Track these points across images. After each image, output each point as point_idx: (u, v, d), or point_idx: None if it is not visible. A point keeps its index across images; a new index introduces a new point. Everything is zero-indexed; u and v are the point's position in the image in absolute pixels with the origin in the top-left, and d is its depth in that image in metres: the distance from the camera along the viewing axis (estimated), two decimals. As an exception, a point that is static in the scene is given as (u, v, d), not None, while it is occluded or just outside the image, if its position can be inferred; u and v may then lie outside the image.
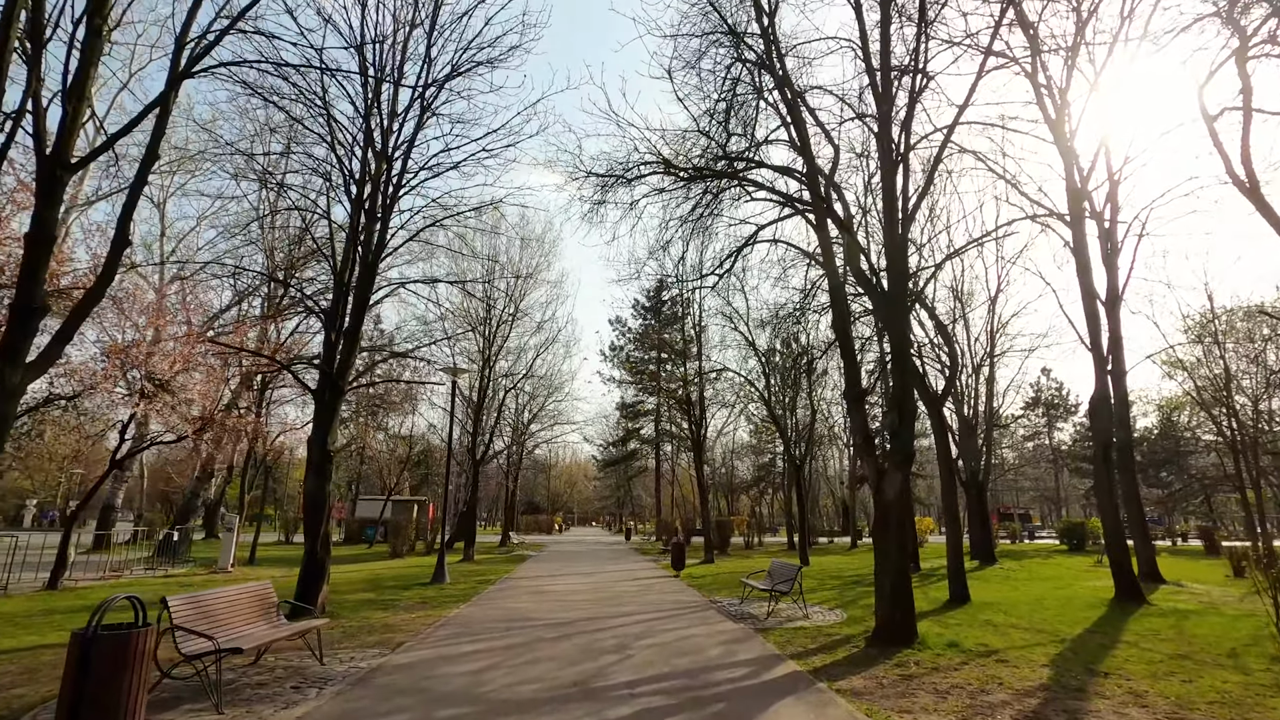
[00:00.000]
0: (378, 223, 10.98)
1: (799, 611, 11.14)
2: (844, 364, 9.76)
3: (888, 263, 9.21)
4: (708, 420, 28.00)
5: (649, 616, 10.67)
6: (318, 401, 10.64)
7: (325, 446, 10.38)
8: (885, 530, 8.72)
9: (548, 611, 11.00)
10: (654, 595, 13.61)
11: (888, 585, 8.52)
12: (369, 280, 10.88)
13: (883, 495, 8.83)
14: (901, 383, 9.03)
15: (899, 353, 9.04)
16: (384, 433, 42.29)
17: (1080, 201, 14.54)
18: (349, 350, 10.74)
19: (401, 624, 9.75)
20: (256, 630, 6.16)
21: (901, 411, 8.92)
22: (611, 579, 16.82)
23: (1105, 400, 13.66)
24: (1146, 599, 12.87)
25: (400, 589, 14.28)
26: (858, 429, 9.37)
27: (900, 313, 9.02)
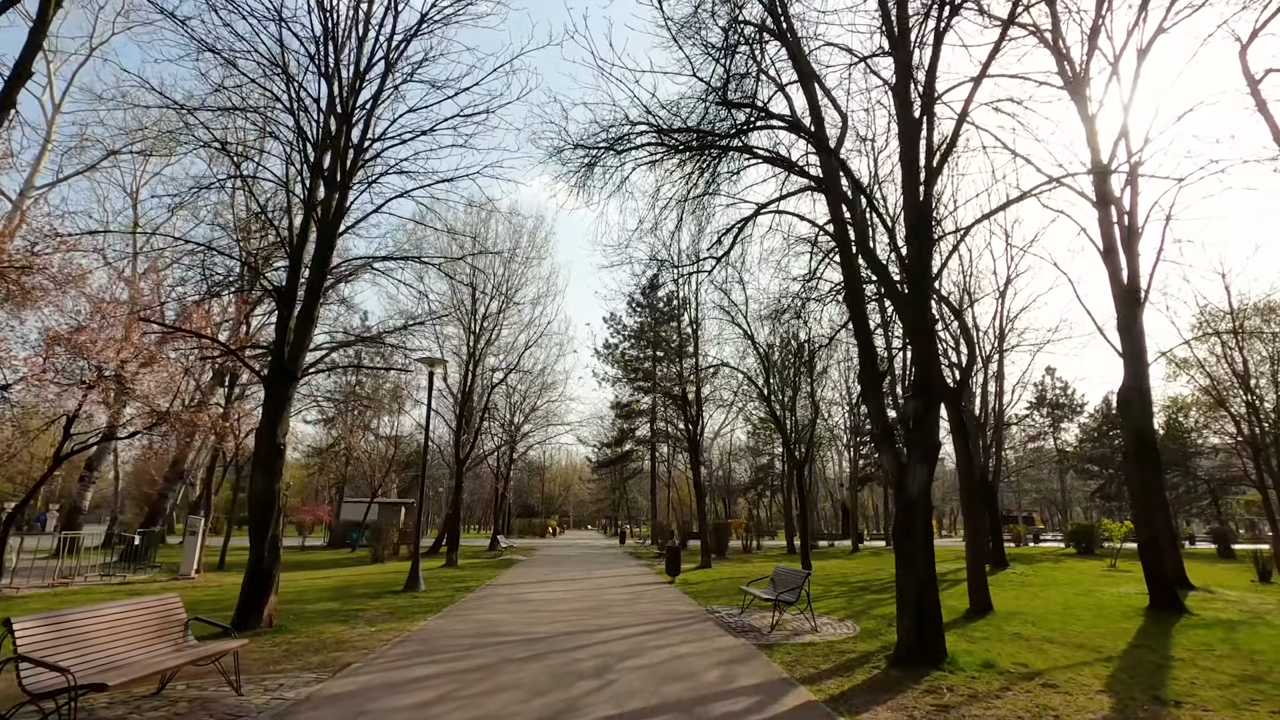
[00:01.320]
0: (337, 191, 9.82)
1: (806, 623, 10.00)
2: (858, 343, 8.64)
3: (908, 229, 8.10)
4: (705, 420, 26.88)
5: (638, 630, 9.51)
6: (268, 389, 9.48)
7: (275, 439, 9.22)
8: (908, 532, 7.59)
9: (524, 625, 9.83)
10: (645, 604, 12.45)
11: (912, 596, 7.38)
12: (326, 254, 9.72)
13: (905, 492, 7.70)
14: (925, 364, 7.91)
15: (922, 330, 7.93)
16: (372, 434, 41.03)
17: (1106, 179, 13.48)
18: (302, 332, 9.58)
19: (357, 640, 8.57)
20: (146, 656, 4.99)
21: (926, 397, 7.80)
22: (600, 586, 15.65)
23: (1137, 390, 12.58)
24: (1186, 608, 11.76)
25: (370, 597, 13.09)
26: (875, 417, 8.25)
27: (924, 282, 7.91)
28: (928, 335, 7.93)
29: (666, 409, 36.75)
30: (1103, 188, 13.38)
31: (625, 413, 42.07)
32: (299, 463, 49.64)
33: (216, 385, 21.58)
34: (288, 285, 9.42)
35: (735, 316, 23.52)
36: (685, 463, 42.14)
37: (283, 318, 9.44)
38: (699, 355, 25.16)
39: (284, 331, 9.38)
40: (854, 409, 37.89)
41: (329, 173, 9.82)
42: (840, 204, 8.99)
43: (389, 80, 10.31)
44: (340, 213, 9.79)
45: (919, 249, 7.90)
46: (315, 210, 9.64)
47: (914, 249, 8.05)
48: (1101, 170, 13.18)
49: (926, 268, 7.94)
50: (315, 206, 9.83)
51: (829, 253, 12.24)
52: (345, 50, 10.08)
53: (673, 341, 27.44)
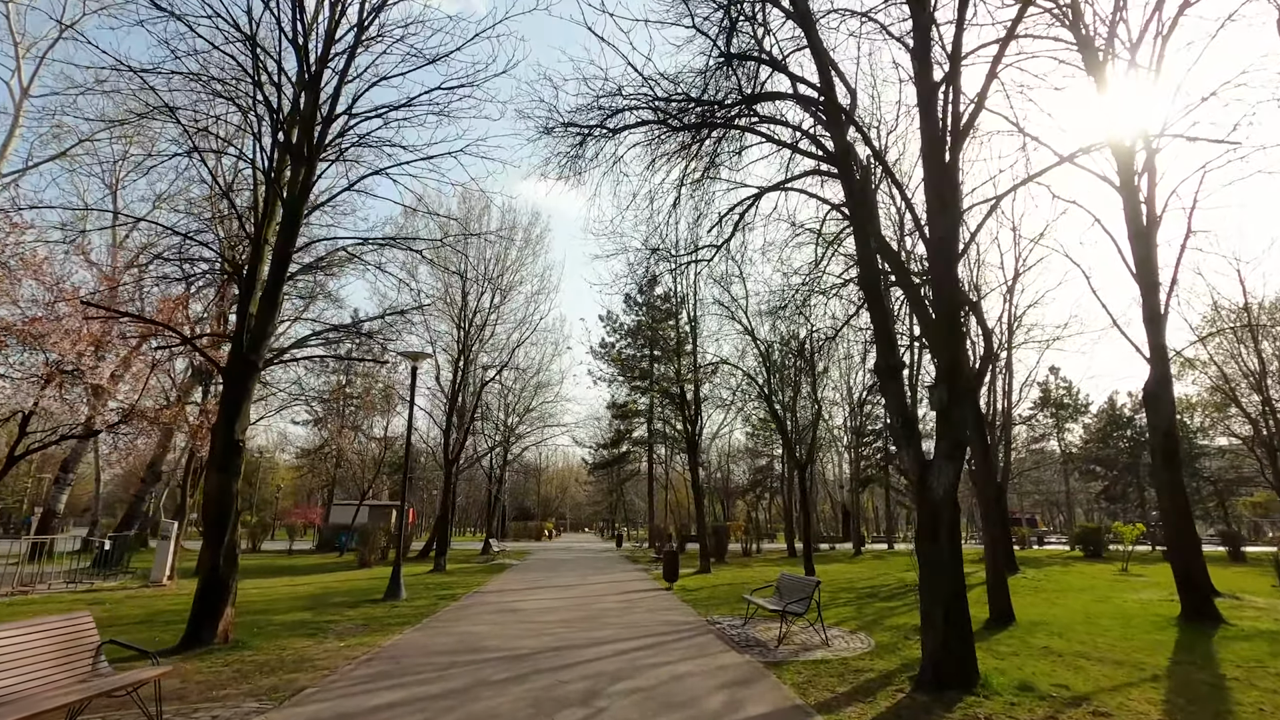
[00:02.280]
0: (304, 165, 8.99)
1: (815, 636, 9.17)
2: (875, 329, 7.83)
3: (929, 197, 7.30)
4: (703, 420, 26.05)
5: (632, 645, 8.67)
6: (226, 380, 8.64)
7: (233, 436, 8.38)
8: (934, 538, 6.77)
9: (509, 638, 8.99)
10: (641, 614, 11.62)
11: (939, 610, 6.56)
12: (291, 233, 8.89)
13: (929, 493, 6.89)
14: (951, 349, 7.11)
15: (948, 311, 7.13)
16: (363, 435, 40.10)
17: (1130, 160, 12.72)
18: (265, 318, 8.74)
19: (321, 657, 7.73)
20: (40, 691, 4.15)
21: (952, 385, 7.00)
22: (594, 593, 14.81)
23: (1166, 384, 11.79)
24: (1223, 617, 10.96)
25: (346, 606, 12.23)
26: (895, 409, 7.44)
27: (948, 255, 7.11)
28: (954, 315, 7.13)
29: (664, 409, 35.93)
30: (1127, 168, 12.61)
31: (622, 413, 41.24)
32: (289, 464, 48.72)
33: (195, 383, 20.72)
34: (249, 266, 8.58)
35: (735, 313, 22.74)
36: (683, 464, 41.32)
37: (244, 302, 8.60)
38: (697, 352, 24.36)
39: (244, 317, 8.54)
40: (856, 408, 37.10)
41: (295, 145, 8.99)
42: (854, 178, 8.19)
43: (361, 47, 9.49)
44: (307, 188, 8.96)
45: (945, 220, 7.10)
46: (280, 185, 8.81)
47: (939, 221, 7.26)
48: (1125, 151, 12.42)
49: (953, 238, 7.14)
50: (281, 184, 9.01)
51: (839, 234, 11.46)
52: (314, 13, 9.26)
53: (670, 340, 26.63)
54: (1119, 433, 45.04)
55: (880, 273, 8.14)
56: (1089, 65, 13.09)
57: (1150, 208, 15.75)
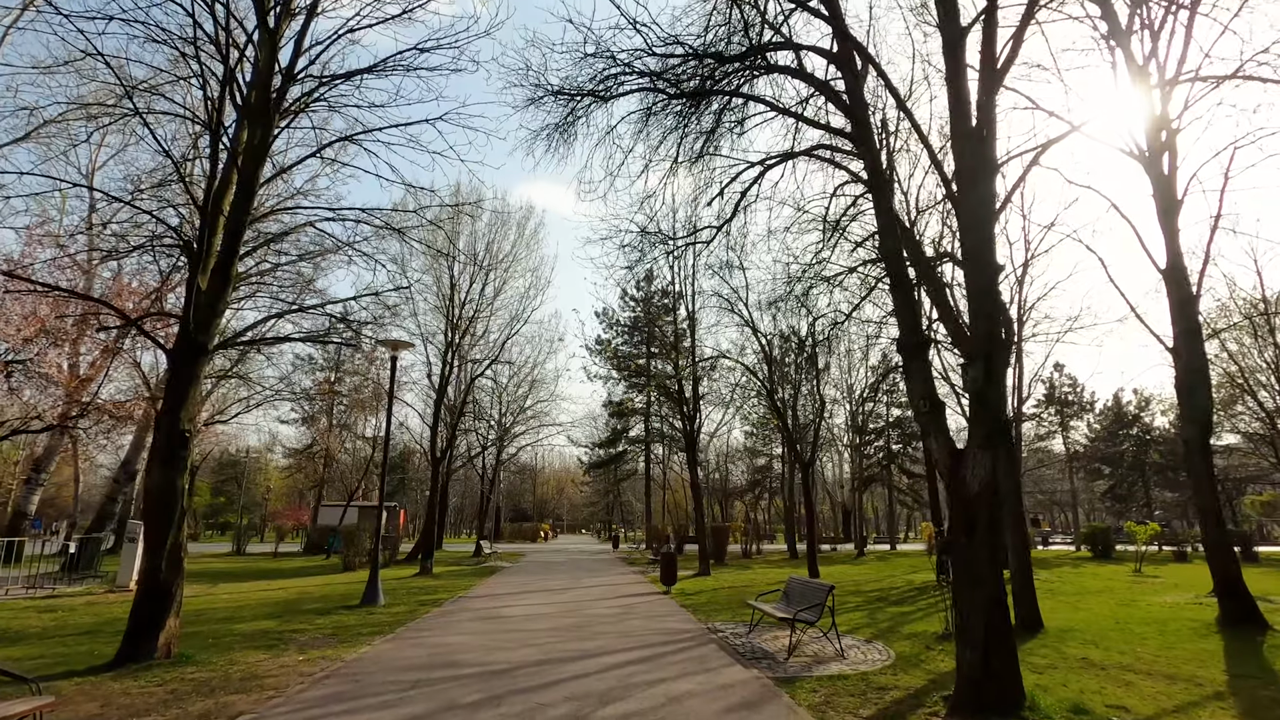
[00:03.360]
0: (260, 125, 8.10)
1: (829, 646, 8.30)
2: (896, 306, 6.97)
3: (957, 148, 6.44)
4: (701, 417, 25.14)
5: (625, 657, 7.78)
6: (172, 365, 7.74)
7: (178, 426, 7.48)
8: (970, 538, 5.90)
9: (488, 650, 8.10)
10: (636, 621, 10.73)
11: (979, 622, 5.69)
12: (245, 200, 8.00)
13: (963, 486, 6.02)
14: (987, 321, 6.25)
15: (984, 277, 6.26)
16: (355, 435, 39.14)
17: (1160, 131, 11.89)
18: (216, 294, 7.85)
19: (273, 674, 6.83)
20: None
21: (989, 363, 6.14)
22: (587, 597, 13.91)
23: (1202, 373, 10.94)
24: (1268, 623, 10.11)
25: (317, 614, 11.32)
26: (919, 390, 6.57)
27: (985, 212, 6.25)
28: (990, 282, 6.26)
29: (662, 406, 35.05)
30: (1156, 134, 11.78)
31: (618, 411, 40.34)
32: (277, 464, 47.74)
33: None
34: (198, 238, 7.68)
35: (735, 305, 21.87)
36: (681, 464, 40.40)
37: (192, 277, 7.70)
38: (695, 347, 23.47)
39: (192, 294, 7.64)
40: (858, 406, 36.27)
41: (251, 104, 8.10)
42: (872, 139, 7.34)
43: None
44: (263, 150, 8.07)
45: (980, 173, 6.24)
46: (237, 153, 7.92)
47: (972, 171, 6.40)
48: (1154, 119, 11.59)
49: (989, 192, 6.28)
50: (238, 150, 8.12)
51: (847, 211, 10.62)
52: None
53: (668, 336, 25.75)
54: (1124, 431, 44.27)
55: (902, 241, 7.28)
56: (1112, 32, 12.28)
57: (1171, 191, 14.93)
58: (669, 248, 13.56)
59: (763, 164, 10.43)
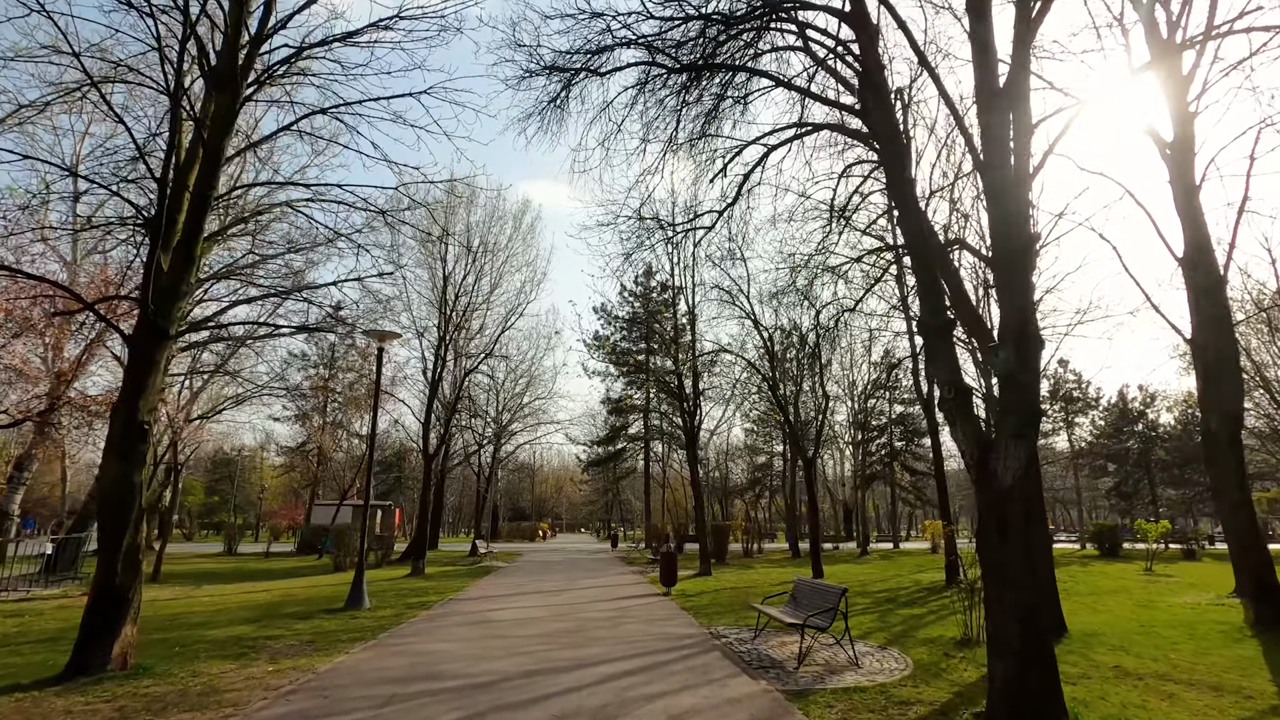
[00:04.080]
0: (227, 93, 7.50)
1: (841, 653, 7.72)
2: (920, 282, 6.38)
3: (985, 105, 5.84)
4: (702, 413, 24.53)
5: (622, 667, 7.20)
6: (131, 351, 7.15)
7: (136, 417, 6.89)
8: (1002, 537, 5.32)
9: (474, 659, 7.51)
10: (634, 625, 10.14)
11: (1013, 630, 5.11)
12: (211, 173, 7.40)
13: (994, 480, 5.44)
14: (1019, 297, 5.66)
15: (1016, 248, 5.67)
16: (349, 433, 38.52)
17: (1180, 107, 11.31)
18: (178, 275, 7.25)
19: (236, 687, 6.24)
20: None
21: (1021, 344, 5.55)
22: (583, 600, 13.33)
23: (1231, 362, 10.37)
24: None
25: (298, 618, 10.73)
26: (944, 376, 5.98)
27: (1019, 175, 5.66)
28: (1023, 254, 5.67)
29: (661, 403, 34.46)
30: (1180, 101, 11.19)
31: (617, 408, 39.76)
32: (271, 463, 47.13)
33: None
34: (156, 211, 7.07)
35: (736, 297, 21.28)
36: (680, 461, 39.82)
37: (151, 255, 7.10)
38: (695, 340, 22.85)
39: (152, 275, 7.03)
40: (860, 402, 35.70)
41: (216, 69, 7.50)
42: (887, 103, 6.75)
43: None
44: (230, 119, 7.46)
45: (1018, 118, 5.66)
46: (192, 112, 7.31)
47: (998, 125, 5.81)
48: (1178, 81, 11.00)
49: (1024, 154, 5.69)
50: (202, 123, 7.52)
51: (858, 190, 10.03)
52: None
53: (668, 332, 25.14)
54: (1129, 427, 43.72)
55: (922, 214, 6.68)
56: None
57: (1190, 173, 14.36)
58: (668, 234, 12.99)
59: (767, 145, 9.90)
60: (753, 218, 28.11)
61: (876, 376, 36.71)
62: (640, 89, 10.05)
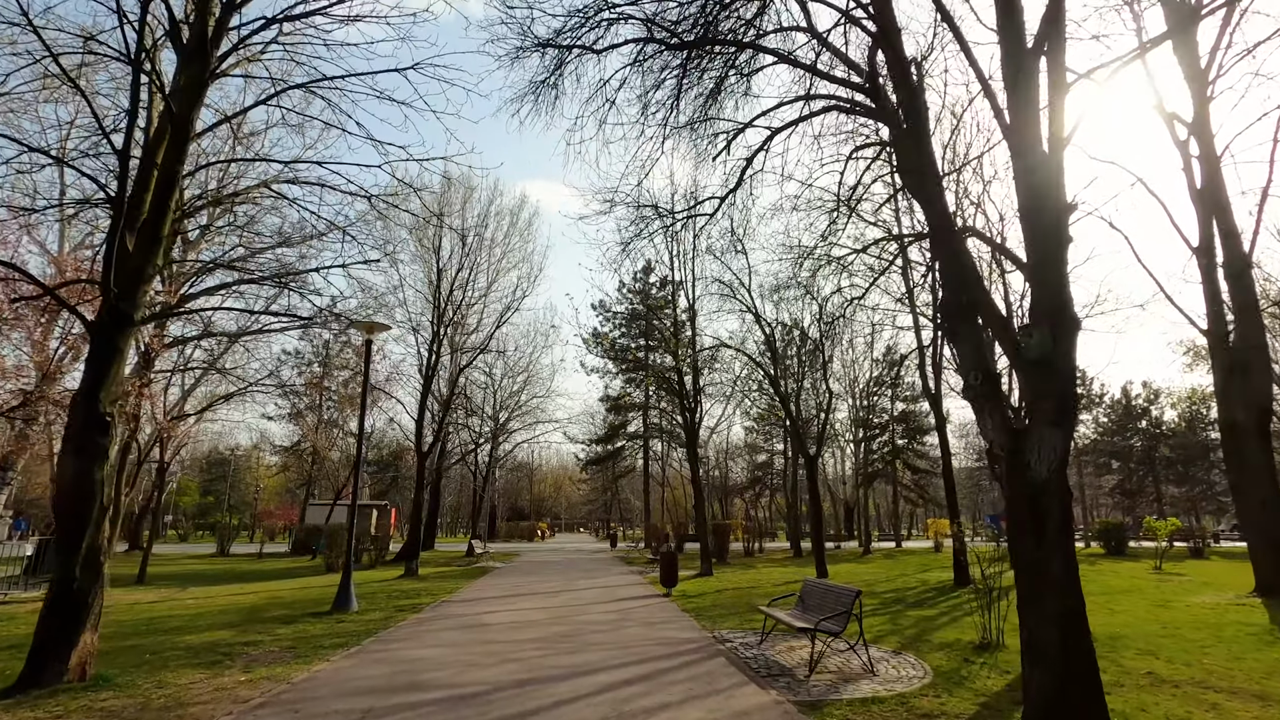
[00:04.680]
0: (196, 62, 7.00)
1: (854, 659, 7.24)
2: (942, 258, 5.90)
3: (1010, 65, 5.36)
4: (702, 409, 24.03)
5: (620, 675, 6.71)
6: (92, 339, 6.66)
7: (97, 409, 6.40)
8: (1037, 536, 4.84)
9: (461, 667, 7.02)
10: (633, 629, 9.66)
11: (1052, 637, 4.63)
12: (179, 148, 6.90)
13: (1026, 472, 4.96)
14: (1053, 273, 5.18)
15: (1049, 219, 5.19)
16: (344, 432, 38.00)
17: (1198, 90, 10.84)
18: (143, 255, 6.76)
19: (203, 700, 5.75)
20: None
21: (1057, 324, 5.08)
22: (580, 601, 12.85)
23: (1260, 350, 9.90)
24: (1341, 630, 9.08)
25: (282, 622, 10.23)
26: (970, 360, 5.50)
27: (1053, 139, 5.18)
28: (1058, 224, 5.18)
29: (660, 401, 33.99)
30: (1200, 98, 10.73)
31: (616, 406, 39.27)
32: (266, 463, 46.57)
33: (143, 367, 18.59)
34: (118, 187, 6.57)
35: (737, 291, 20.81)
36: (680, 460, 39.31)
37: (112, 234, 6.60)
38: (695, 338, 22.35)
39: (114, 256, 6.54)
40: (861, 399, 35.21)
41: (184, 37, 7.00)
42: (903, 59, 6.26)
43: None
44: (199, 89, 6.97)
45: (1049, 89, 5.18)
46: (157, 82, 6.82)
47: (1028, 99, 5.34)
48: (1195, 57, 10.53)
49: (1057, 116, 5.21)
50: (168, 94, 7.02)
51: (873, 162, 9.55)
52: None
53: (667, 329, 24.65)
54: (1133, 424, 43.28)
55: (942, 186, 6.19)
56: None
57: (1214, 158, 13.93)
58: (668, 223, 12.52)
59: (770, 127, 9.44)
60: (755, 205, 27.66)
61: (879, 374, 36.27)
62: (637, 67, 9.62)
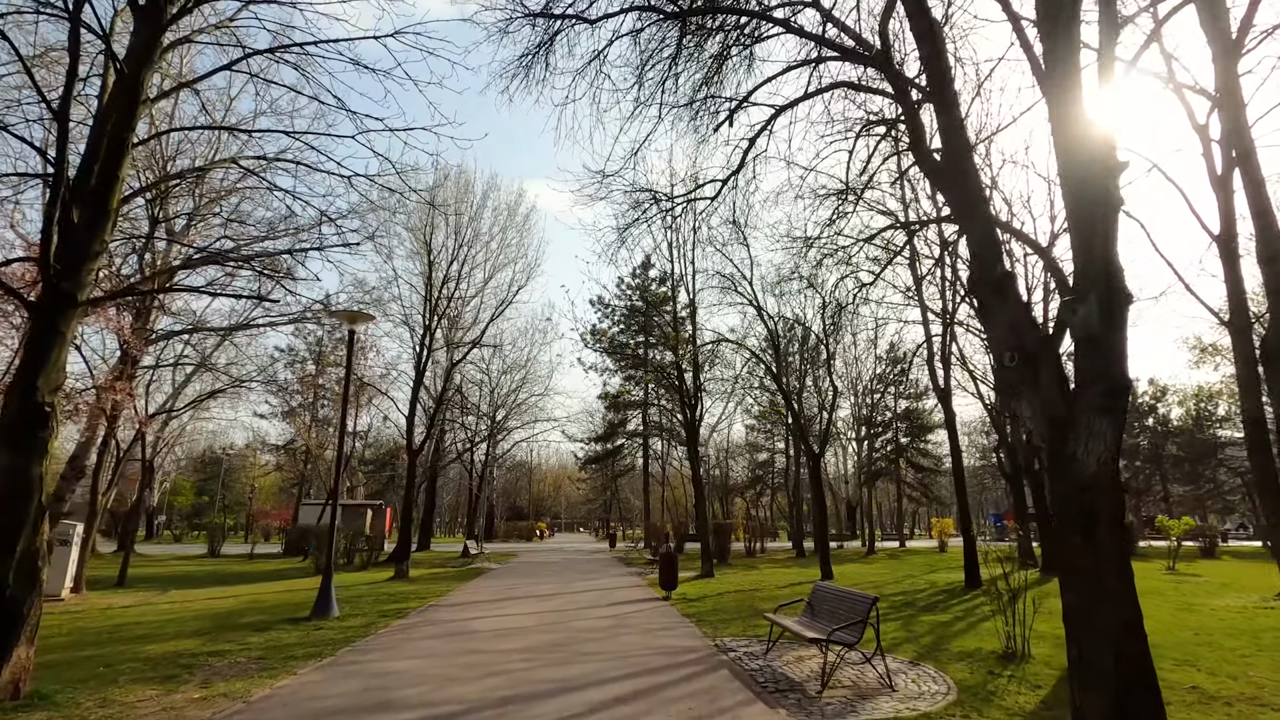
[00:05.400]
0: (147, 21, 6.39)
1: (869, 671, 6.63)
2: (968, 231, 5.27)
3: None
4: (703, 406, 23.38)
5: (615, 692, 6.10)
6: (32, 321, 6.05)
7: (34, 398, 5.79)
8: (1088, 537, 4.23)
9: (441, 682, 6.40)
10: (630, 636, 9.05)
11: (1105, 654, 4.02)
12: (128, 111, 6.29)
13: (1073, 465, 4.35)
14: (1100, 233, 4.56)
15: (1092, 173, 4.57)
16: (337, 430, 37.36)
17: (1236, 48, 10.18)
18: (88, 230, 6.15)
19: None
20: None
21: (1106, 294, 4.46)
22: (575, 605, 12.23)
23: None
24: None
25: (257, 629, 9.62)
26: (1002, 339, 4.88)
27: (1103, 78, 4.56)
28: (1107, 184, 4.56)
29: (660, 399, 33.38)
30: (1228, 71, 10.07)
31: (615, 404, 38.64)
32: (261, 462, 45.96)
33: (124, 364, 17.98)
34: (57, 154, 5.96)
35: (738, 284, 20.21)
36: (680, 458, 38.68)
37: (51, 207, 5.99)
38: (696, 333, 21.71)
39: (52, 226, 5.93)
40: (863, 397, 34.60)
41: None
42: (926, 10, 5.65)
43: None
44: (150, 47, 6.35)
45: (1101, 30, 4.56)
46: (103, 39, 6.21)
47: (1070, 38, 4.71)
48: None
49: (1108, 60, 4.59)
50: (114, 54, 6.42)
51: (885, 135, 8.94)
52: None
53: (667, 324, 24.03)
54: (1139, 422, 42.67)
55: (970, 149, 5.56)
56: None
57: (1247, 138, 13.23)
58: (667, 207, 11.89)
59: (775, 105, 8.85)
60: (758, 190, 26.73)
61: (882, 370, 35.70)
62: (634, 38, 9.04)
